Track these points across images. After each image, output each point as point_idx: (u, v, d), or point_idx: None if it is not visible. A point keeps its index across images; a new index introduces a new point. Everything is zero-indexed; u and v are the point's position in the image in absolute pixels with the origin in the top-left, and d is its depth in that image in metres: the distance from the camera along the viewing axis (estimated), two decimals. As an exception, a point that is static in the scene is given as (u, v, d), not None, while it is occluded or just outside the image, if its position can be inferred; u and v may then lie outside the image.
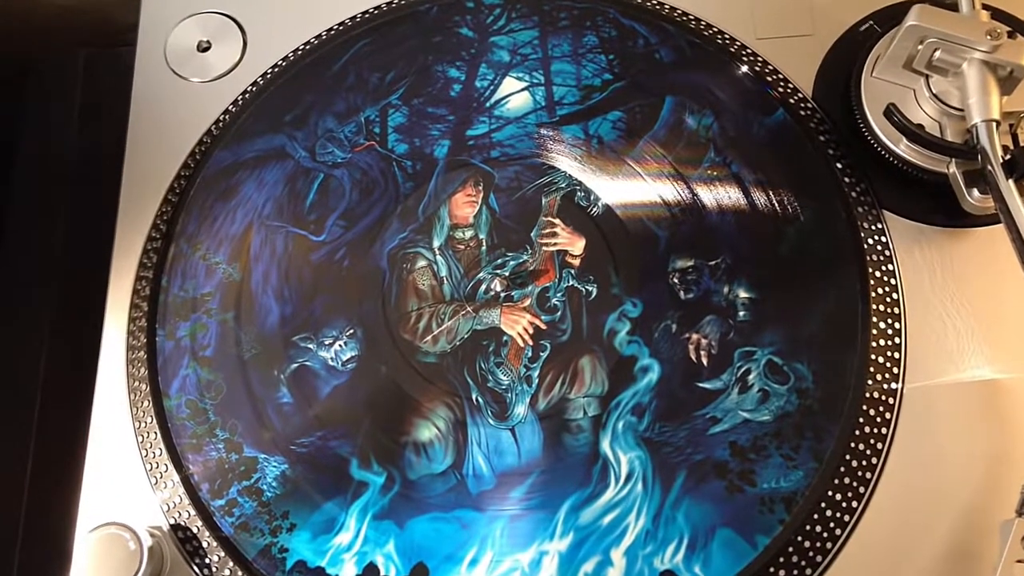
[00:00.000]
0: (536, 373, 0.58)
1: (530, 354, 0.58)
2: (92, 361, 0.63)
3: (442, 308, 0.60)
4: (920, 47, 0.58)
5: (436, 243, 0.62)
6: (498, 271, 0.61)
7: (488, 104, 0.65)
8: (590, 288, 0.59)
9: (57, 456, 0.68)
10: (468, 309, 0.60)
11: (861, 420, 0.54)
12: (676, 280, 0.58)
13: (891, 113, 0.58)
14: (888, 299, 0.57)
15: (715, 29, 0.65)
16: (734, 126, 0.62)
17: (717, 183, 0.60)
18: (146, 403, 0.59)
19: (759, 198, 0.60)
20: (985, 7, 0.58)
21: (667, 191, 0.61)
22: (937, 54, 0.58)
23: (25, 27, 0.86)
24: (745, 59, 0.64)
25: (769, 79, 0.63)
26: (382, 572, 0.54)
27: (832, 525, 0.52)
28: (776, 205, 0.59)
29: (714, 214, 0.60)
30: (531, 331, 0.59)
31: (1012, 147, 0.56)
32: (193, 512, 0.56)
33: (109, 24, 0.88)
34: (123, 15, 0.86)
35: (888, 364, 0.55)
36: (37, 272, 0.76)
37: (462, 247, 0.62)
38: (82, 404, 0.63)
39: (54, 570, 0.62)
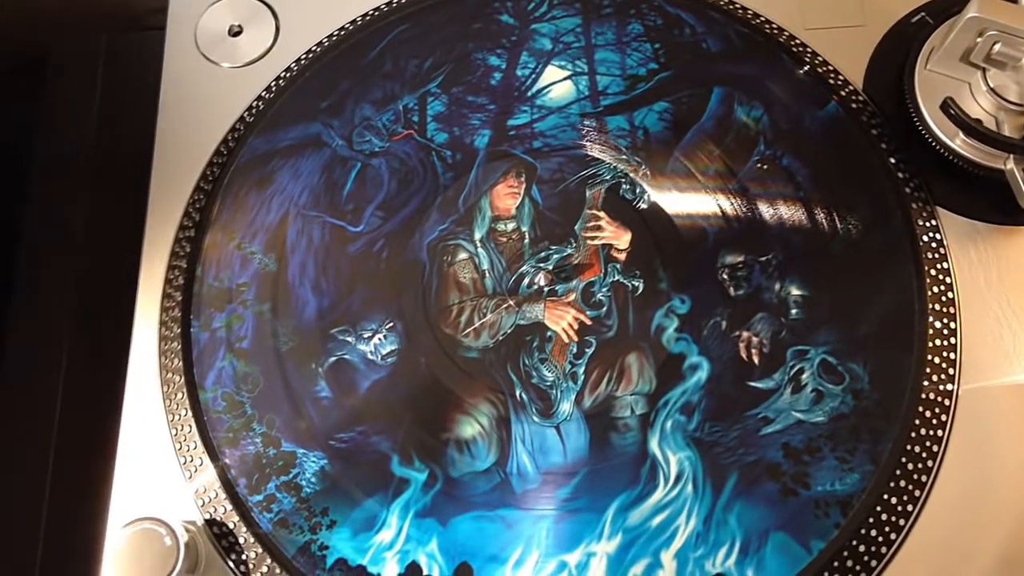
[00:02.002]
0: (581, 370, 0.56)
1: (575, 350, 0.57)
2: (116, 353, 0.62)
3: (484, 302, 0.59)
4: (979, 40, 0.57)
5: (477, 235, 0.60)
6: (541, 265, 0.59)
7: (530, 93, 0.63)
8: (636, 283, 0.58)
9: (81, 450, 0.67)
10: (511, 303, 0.58)
11: (917, 422, 0.53)
12: (726, 276, 0.57)
13: (948, 107, 0.56)
14: (943, 298, 0.56)
15: (762, 18, 0.64)
16: (785, 118, 0.60)
17: (767, 177, 0.59)
18: (180, 395, 0.58)
19: (811, 192, 0.58)
20: (1045, -1, 0.57)
21: (716, 184, 0.59)
22: (996, 47, 0.56)
23: (42, 12, 0.85)
24: (794, 50, 0.62)
25: (820, 70, 0.61)
26: (425, 571, 0.52)
27: (887, 529, 0.51)
28: (828, 200, 0.58)
29: (764, 209, 0.58)
30: (576, 327, 0.57)
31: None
32: (230, 507, 0.55)
33: (130, 8, 0.86)
34: (145, -1, 0.84)
35: (944, 365, 0.54)
36: (58, 264, 0.75)
37: (504, 240, 0.60)
38: (107, 397, 0.61)
39: (79, 568, 0.61)
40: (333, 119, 0.64)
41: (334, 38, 0.67)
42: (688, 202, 0.59)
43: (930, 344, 0.54)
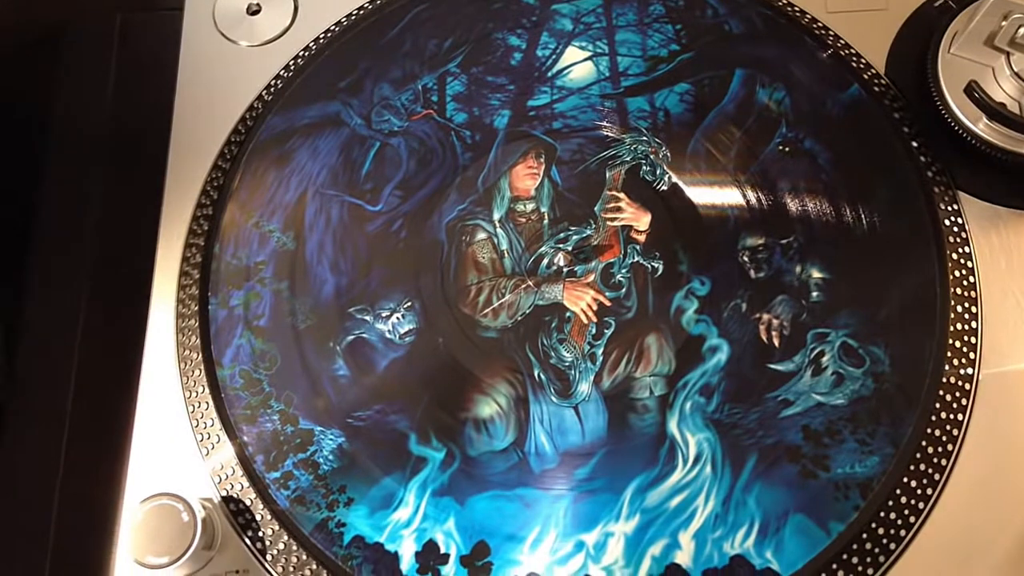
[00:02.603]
0: (600, 351, 0.56)
1: (594, 331, 0.57)
2: (133, 331, 0.62)
3: (503, 282, 0.59)
4: (1004, 23, 0.57)
5: (496, 215, 0.60)
6: (561, 245, 0.59)
7: (550, 74, 0.63)
8: (656, 265, 0.58)
9: (96, 427, 0.67)
10: (530, 283, 0.58)
11: (937, 406, 0.52)
12: (746, 258, 0.57)
13: (972, 90, 0.56)
14: (965, 283, 0.55)
15: (785, 1, 0.64)
16: (807, 101, 0.60)
17: (789, 159, 0.59)
18: (197, 372, 0.58)
19: (833, 175, 0.58)
20: (1071, -17, 0.57)
21: (737, 167, 0.59)
22: (1021, 31, 0.56)
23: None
24: (817, 32, 0.62)
25: (842, 54, 0.61)
26: (442, 549, 0.52)
27: (907, 512, 0.51)
28: (850, 183, 0.58)
29: (786, 191, 0.58)
30: (595, 308, 0.57)
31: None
32: (247, 484, 0.55)
33: (148, -14, 0.86)
34: (160, -24, 0.84)
35: (964, 349, 0.54)
36: (74, 241, 0.75)
37: (523, 220, 0.60)
38: (123, 375, 0.61)
39: (94, 544, 0.62)
40: (352, 98, 0.64)
41: (353, 17, 0.67)
42: (709, 184, 0.59)
43: (951, 328, 0.54)
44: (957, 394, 0.53)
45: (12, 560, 0.64)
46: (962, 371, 0.54)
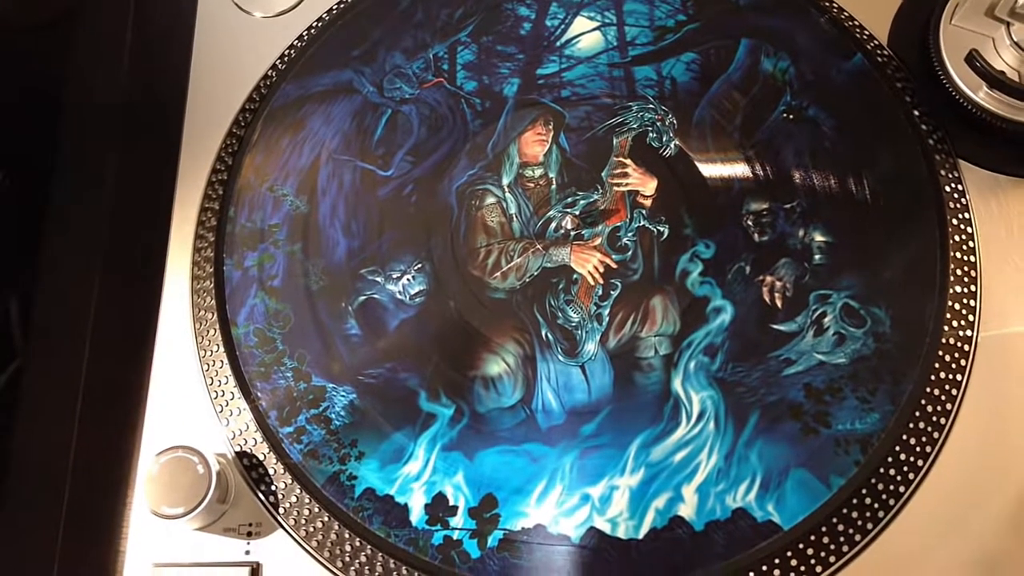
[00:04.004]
0: (606, 311, 0.57)
1: (600, 292, 0.58)
2: (148, 295, 0.63)
3: (511, 245, 0.60)
4: (1005, -7, 0.57)
5: (505, 181, 0.61)
6: (568, 210, 0.60)
7: (559, 43, 0.64)
8: (661, 229, 0.59)
9: (113, 385, 0.68)
10: (538, 246, 0.59)
11: (937, 365, 0.54)
12: (750, 222, 0.58)
13: (973, 59, 0.57)
14: (964, 247, 0.56)
15: (790, -27, 0.65)
16: (811, 70, 0.61)
17: (793, 126, 0.60)
18: (212, 332, 0.59)
19: (836, 142, 0.59)
20: (1070, -47, 0.58)
21: (742, 134, 0.60)
22: (1021, 1, 0.57)
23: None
24: (821, 3, 0.63)
25: (847, 25, 0.62)
26: (451, 502, 0.54)
27: (906, 469, 0.52)
28: (853, 150, 0.59)
29: (790, 158, 0.59)
30: (601, 270, 0.58)
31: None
32: (260, 439, 0.56)
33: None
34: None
35: (964, 311, 0.55)
36: (90, 210, 0.76)
37: (532, 185, 0.61)
38: (138, 336, 0.63)
39: (107, 499, 0.63)
40: (365, 67, 0.65)
41: (365, -12, 0.68)
42: (714, 151, 0.60)
43: (951, 291, 0.55)
44: (956, 355, 0.54)
45: (28, 514, 0.65)
46: (961, 333, 0.55)
